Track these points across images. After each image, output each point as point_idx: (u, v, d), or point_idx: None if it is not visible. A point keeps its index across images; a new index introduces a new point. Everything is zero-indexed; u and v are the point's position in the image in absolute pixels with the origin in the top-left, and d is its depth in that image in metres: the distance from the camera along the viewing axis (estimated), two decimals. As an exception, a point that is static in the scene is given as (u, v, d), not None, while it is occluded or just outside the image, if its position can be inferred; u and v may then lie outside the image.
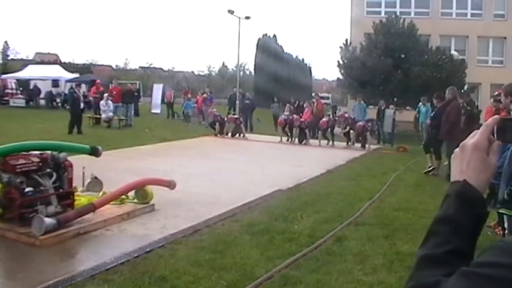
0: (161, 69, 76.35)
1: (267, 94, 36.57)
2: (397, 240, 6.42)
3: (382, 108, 22.19)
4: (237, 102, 26.92)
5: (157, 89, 34.61)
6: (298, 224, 7.01)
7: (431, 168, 12.08)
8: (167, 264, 5.37)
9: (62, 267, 5.39)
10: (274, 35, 54.01)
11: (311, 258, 5.65)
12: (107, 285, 4.81)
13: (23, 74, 41.29)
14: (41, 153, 6.81)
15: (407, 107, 27.25)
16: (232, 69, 69.28)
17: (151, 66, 75.47)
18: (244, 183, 9.76)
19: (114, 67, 73.45)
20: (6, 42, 66.49)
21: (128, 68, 72.92)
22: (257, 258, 5.60)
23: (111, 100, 22.84)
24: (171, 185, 8.04)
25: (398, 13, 31.80)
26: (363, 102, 22.48)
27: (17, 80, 40.69)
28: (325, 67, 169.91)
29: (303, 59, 62.15)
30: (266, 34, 52.79)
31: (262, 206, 8.13)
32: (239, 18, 29.64)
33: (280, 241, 6.23)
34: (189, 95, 29.91)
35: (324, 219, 7.34)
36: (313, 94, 28.81)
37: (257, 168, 11.95)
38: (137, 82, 36.28)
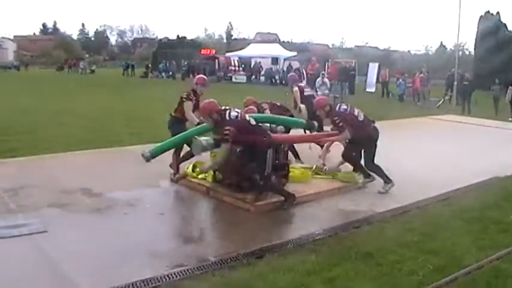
0: (377, 48, 75.30)
1: (488, 75, 34.01)
2: None
3: None
4: (455, 83, 25.53)
5: (373, 68, 34.30)
6: (516, 215, 6.50)
7: None
8: (374, 241, 5.41)
9: (273, 233, 5.74)
10: (498, 12, 49.74)
11: (528, 253, 5.22)
12: (315, 255, 5.00)
13: (245, 52, 44.12)
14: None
15: None
16: (451, 48, 65.67)
17: (367, 45, 75.03)
18: (459, 167, 9.27)
19: (331, 46, 74.53)
20: (230, 23, 71.58)
21: (344, 46, 73.40)
22: (467, 246, 5.35)
23: (327, 78, 23.31)
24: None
25: None
26: None
27: (239, 58, 43.55)
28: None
29: (527, 39, 56.27)
30: (489, 11, 48.97)
31: (477, 192, 7.67)
32: (459, -6, 27.86)
33: (494, 231, 5.86)
34: (405, 75, 29.12)
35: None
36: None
37: (473, 152, 11.26)
38: (353, 61, 36.34)
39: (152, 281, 4.33)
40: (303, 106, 9.59)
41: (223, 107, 6.42)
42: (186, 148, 7.33)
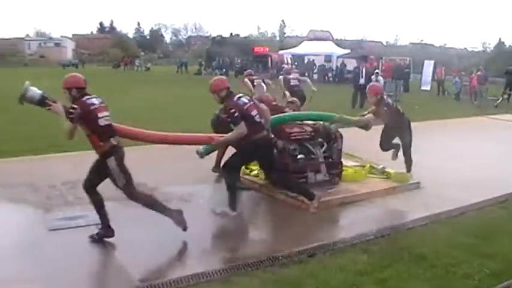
0: (432, 45, 73.74)
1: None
2: None
3: None
4: (515, 80, 24.71)
5: (428, 66, 33.54)
6: None
7: None
8: (427, 243, 5.32)
9: (325, 232, 5.74)
10: None
11: None
12: (367, 255, 4.97)
13: (298, 50, 43.95)
14: (313, 124, 7.25)
15: None
16: (510, 45, 63.60)
17: (422, 42, 73.69)
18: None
19: (384, 43, 73.58)
20: (283, 20, 71.63)
21: (398, 44, 72.33)
22: (526, 250, 5.19)
23: (381, 76, 23.03)
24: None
25: None
26: None
27: (292, 55, 43.44)
28: None
29: None
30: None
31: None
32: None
33: (556, 235, 5.66)
34: (462, 73, 28.42)
35: None
36: None
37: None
38: (408, 58, 35.72)
39: (204, 275, 4.40)
40: (287, 93, 11.43)
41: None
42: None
